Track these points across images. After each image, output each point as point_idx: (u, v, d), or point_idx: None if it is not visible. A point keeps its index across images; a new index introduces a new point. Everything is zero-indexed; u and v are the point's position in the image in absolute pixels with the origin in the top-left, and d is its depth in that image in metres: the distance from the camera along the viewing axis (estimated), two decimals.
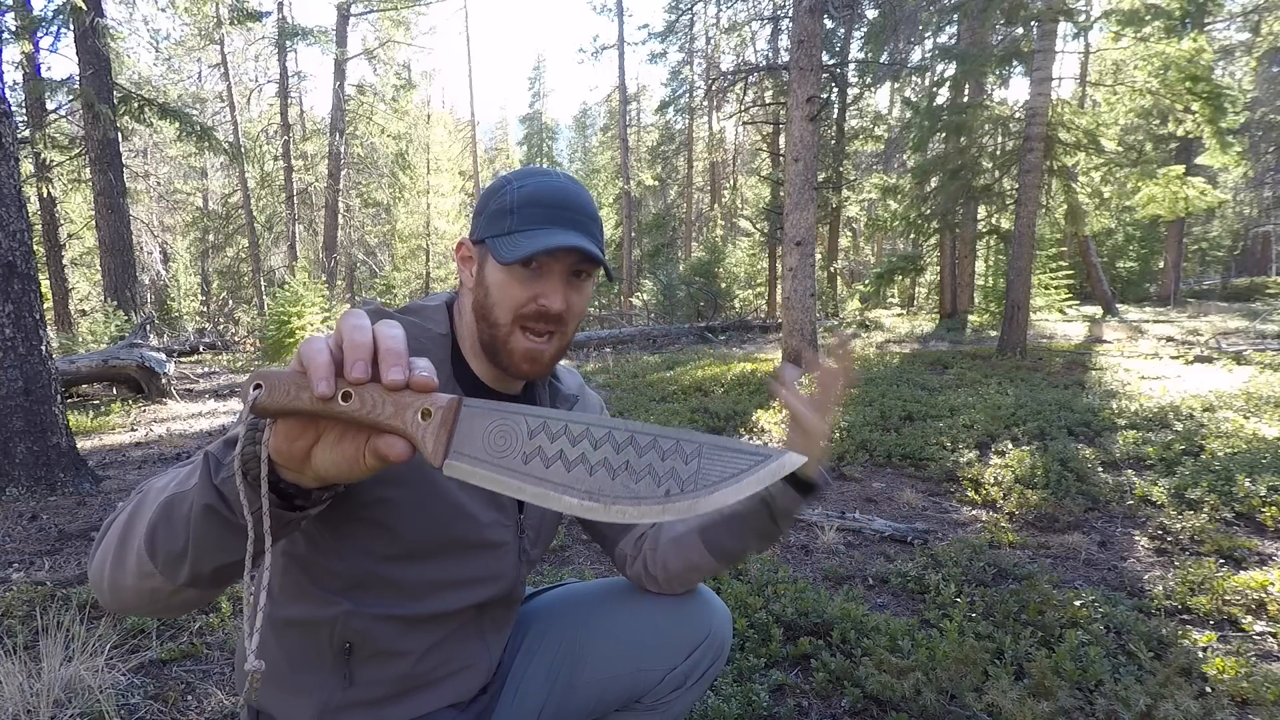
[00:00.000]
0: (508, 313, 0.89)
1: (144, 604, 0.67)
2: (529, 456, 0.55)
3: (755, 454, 0.55)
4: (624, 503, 0.54)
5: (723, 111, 26.56)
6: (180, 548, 0.62)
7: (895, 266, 12.85)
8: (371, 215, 24.77)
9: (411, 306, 0.98)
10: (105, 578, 0.67)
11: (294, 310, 9.36)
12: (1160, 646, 1.99)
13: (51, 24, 9.97)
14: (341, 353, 0.55)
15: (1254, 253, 30.89)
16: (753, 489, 0.54)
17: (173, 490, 0.64)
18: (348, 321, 0.56)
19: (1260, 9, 16.28)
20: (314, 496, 0.63)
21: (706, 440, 0.56)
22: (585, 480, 0.55)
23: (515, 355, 0.90)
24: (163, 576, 0.63)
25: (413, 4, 19.78)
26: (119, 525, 0.67)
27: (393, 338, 0.55)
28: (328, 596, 0.89)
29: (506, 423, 0.57)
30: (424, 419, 0.54)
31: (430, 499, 0.88)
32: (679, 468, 0.55)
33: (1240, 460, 3.62)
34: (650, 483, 0.54)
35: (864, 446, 4.43)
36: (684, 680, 1.13)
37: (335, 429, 0.57)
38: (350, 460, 0.57)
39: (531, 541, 1.03)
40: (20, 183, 3.70)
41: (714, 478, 0.54)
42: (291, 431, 0.57)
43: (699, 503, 0.54)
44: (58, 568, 2.75)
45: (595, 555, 2.90)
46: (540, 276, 0.88)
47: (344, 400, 0.53)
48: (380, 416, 0.54)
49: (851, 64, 15.63)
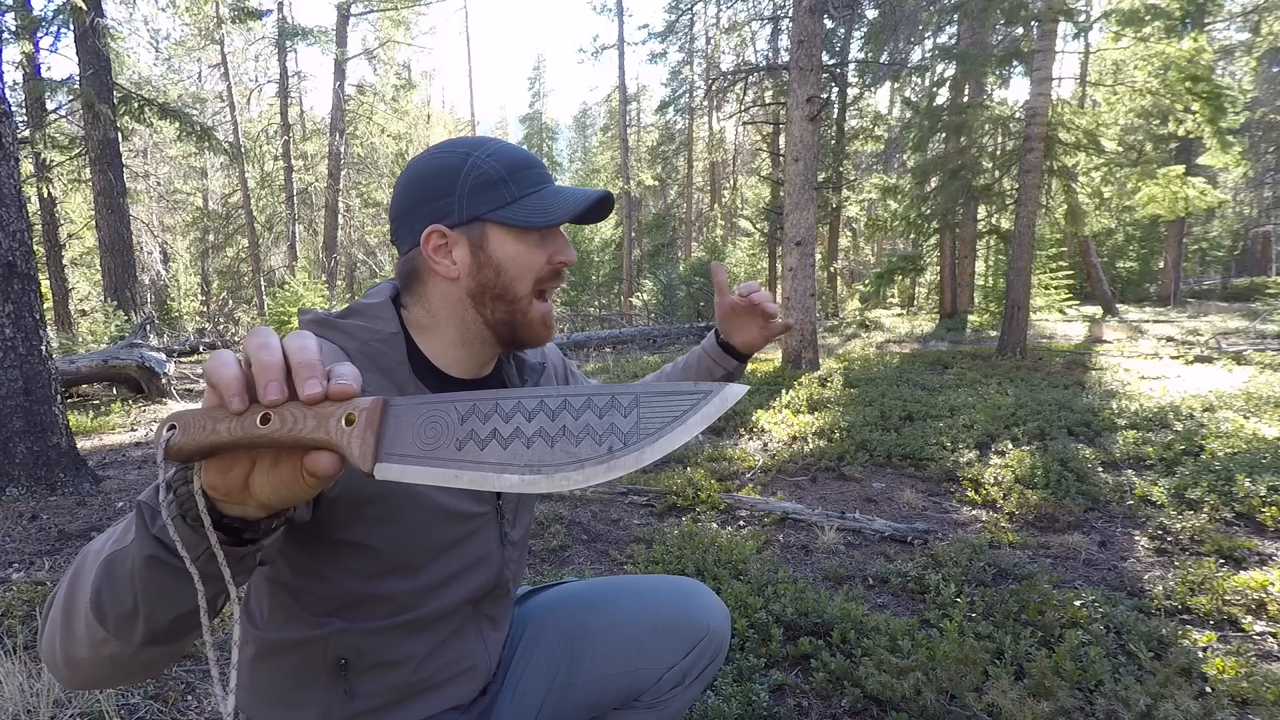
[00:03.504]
0: (527, 283, 0.87)
1: (105, 674, 0.63)
2: (462, 442, 0.53)
3: (694, 392, 0.53)
4: (566, 469, 0.52)
5: (723, 111, 26.58)
6: (129, 607, 0.58)
7: (895, 266, 12.84)
8: (371, 215, 24.77)
9: (355, 308, 0.93)
10: (58, 654, 0.62)
11: (294, 310, 9.37)
12: (1160, 646, 1.99)
13: (51, 24, 9.98)
14: (251, 374, 0.52)
15: (1254, 253, 30.87)
16: (699, 427, 0.52)
17: (110, 549, 0.59)
18: (253, 341, 0.52)
19: (1260, 9, 16.27)
20: (263, 526, 0.59)
21: (642, 389, 0.54)
22: (524, 454, 0.52)
23: (536, 324, 0.89)
24: (117, 641, 0.59)
25: (413, 4, 19.79)
26: (60, 598, 0.63)
27: (303, 349, 0.52)
28: (317, 619, 0.87)
29: (436, 412, 0.54)
30: (348, 425, 0.51)
31: (407, 508, 0.86)
32: (618, 422, 0.52)
33: (1240, 460, 3.62)
34: (591, 443, 0.52)
35: (864, 446, 4.43)
36: (683, 678, 1.13)
37: (268, 454, 0.54)
38: (290, 483, 0.54)
39: (510, 523, 1.01)
40: (20, 183, 3.70)
41: (656, 424, 0.52)
42: (222, 464, 0.53)
43: (645, 453, 0.52)
44: (58, 568, 2.75)
45: (595, 555, 2.90)
46: (551, 236, 0.89)
47: (263, 424, 0.50)
48: (303, 432, 0.51)
49: (851, 64, 15.63)
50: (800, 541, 3.02)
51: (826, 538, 2.97)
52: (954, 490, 3.72)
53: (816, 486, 3.91)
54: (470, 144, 0.89)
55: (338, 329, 0.88)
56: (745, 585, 2.34)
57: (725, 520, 3.34)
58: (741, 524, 3.27)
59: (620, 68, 23.07)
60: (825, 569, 2.66)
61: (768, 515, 3.33)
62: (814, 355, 8.11)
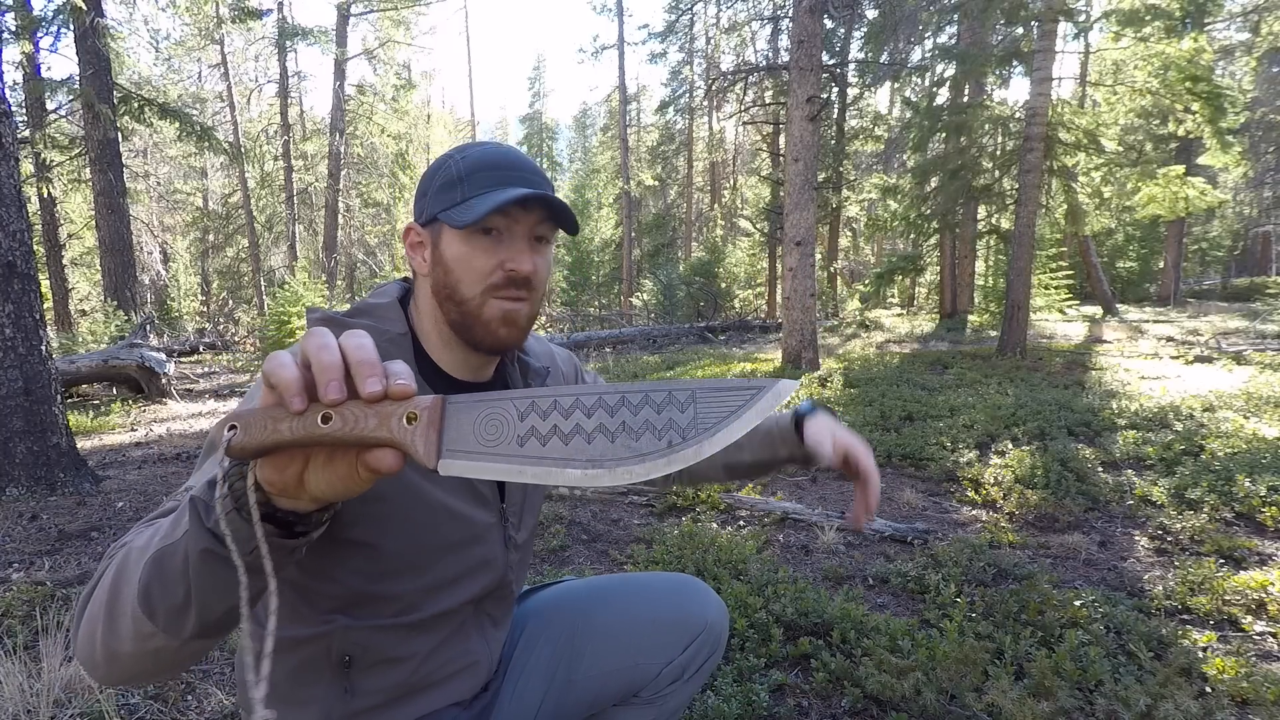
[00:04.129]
0: (475, 285, 0.86)
1: (145, 668, 0.64)
2: (524, 439, 0.54)
3: (748, 387, 0.55)
4: (628, 463, 0.53)
5: (723, 111, 26.57)
6: (180, 600, 0.59)
7: (895, 266, 12.83)
8: (371, 215, 24.78)
9: (362, 307, 0.94)
10: (98, 649, 0.63)
11: (294, 310, 9.35)
12: (1160, 646, 1.99)
13: (51, 24, 9.98)
14: (311, 374, 0.53)
15: (1254, 253, 30.87)
16: (754, 421, 0.54)
17: (158, 545, 0.60)
18: (312, 342, 0.53)
19: (1260, 9, 16.27)
20: (313, 519, 0.61)
21: (697, 385, 0.55)
22: (585, 450, 0.54)
23: (492, 323, 0.87)
24: (165, 635, 0.60)
25: (413, 4, 19.78)
26: (103, 593, 0.63)
27: (361, 348, 0.53)
28: (323, 616, 0.87)
29: (495, 410, 0.55)
30: (410, 423, 0.53)
31: (411, 508, 0.86)
32: (676, 417, 0.54)
33: (1240, 460, 3.62)
34: (651, 438, 0.54)
35: None
36: (682, 672, 1.13)
37: (323, 450, 0.55)
38: (345, 479, 0.55)
39: (515, 527, 1.02)
40: (20, 183, 3.70)
41: (713, 419, 0.54)
42: (279, 461, 0.54)
43: (703, 446, 0.53)
44: (58, 568, 2.75)
45: (595, 555, 2.90)
46: (503, 241, 0.86)
47: (324, 423, 0.52)
48: (365, 431, 0.52)
49: (851, 64, 15.63)
50: (800, 541, 3.02)
51: (826, 538, 2.97)
52: (954, 490, 3.72)
53: (816, 486, 3.91)
54: (462, 146, 0.91)
55: (346, 329, 0.88)
56: (745, 585, 2.34)
57: (725, 520, 3.34)
58: (741, 524, 3.27)
59: (620, 68, 23.06)
60: (825, 569, 2.66)
61: (768, 515, 3.33)
62: (814, 355, 8.11)
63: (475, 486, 0.94)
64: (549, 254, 0.92)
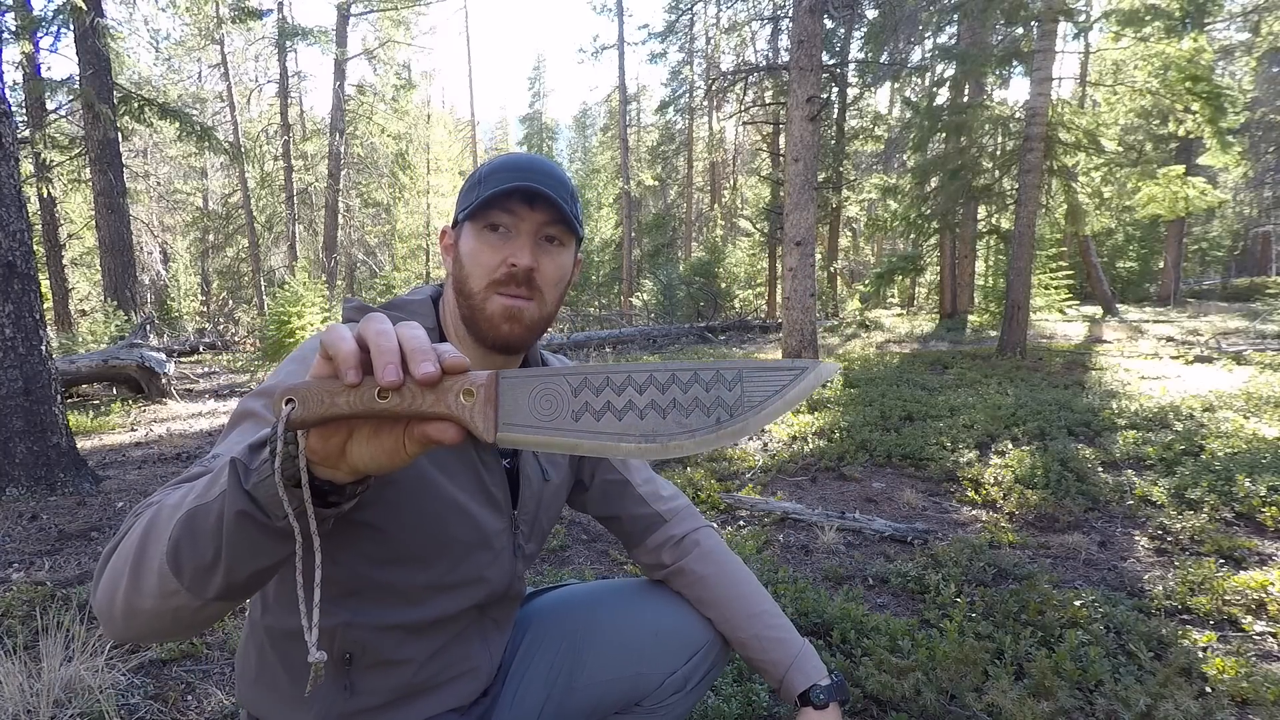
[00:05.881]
0: (481, 280, 0.88)
1: (163, 625, 0.65)
2: (578, 414, 0.57)
3: (792, 368, 0.57)
4: (679, 437, 0.56)
5: (723, 111, 26.57)
6: (210, 559, 0.60)
7: (895, 266, 12.84)
8: (371, 215, 24.78)
9: (396, 302, 0.97)
10: (118, 604, 0.64)
11: (294, 310, 9.35)
12: (1160, 646, 1.99)
13: (51, 24, 9.97)
14: (367, 355, 0.54)
15: (1254, 253, 30.87)
16: (798, 400, 0.56)
17: (192, 504, 0.62)
18: (371, 326, 0.55)
19: (1260, 9, 16.26)
20: (347, 490, 0.62)
21: (742, 365, 0.58)
22: (638, 425, 0.56)
23: (494, 317, 0.89)
24: (189, 592, 0.62)
25: (413, 4, 19.78)
26: (130, 548, 0.65)
27: (416, 337, 0.55)
28: (325, 607, 0.87)
29: (549, 386, 0.57)
30: (467, 399, 0.55)
31: (423, 498, 0.87)
32: (724, 395, 0.57)
33: (1240, 460, 3.62)
34: (700, 414, 0.56)
35: (864, 446, 4.43)
36: (684, 684, 1.12)
37: (369, 423, 0.57)
38: (390, 452, 0.56)
39: (526, 537, 1.02)
40: (20, 183, 3.70)
41: (759, 397, 0.56)
42: (326, 430, 0.56)
43: (750, 423, 0.56)
44: (58, 568, 2.75)
45: (595, 556, 2.90)
46: (508, 239, 0.88)
47: (381, 398, 0.53)
48: (423, 406, 0.54)
49: (851, 64, 15.63)
50: (800, 541, 3.02)
51: (826, 538, 2.97)
52: (954, 490, 3.72)
53: (816, 486, 3.91)
54: (496, 156, 0.97)
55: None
56: None
57: (725, 520, 3.34)
58: (742, 524, 3.27)
59: (620, 68, 23.05)
60: (825, 569, 2.66)
61: (768, 515, 3.33)
62: (814, 355, 8.11)
63: (489, 490, 0.95)
64: (561, 256, 0.92)
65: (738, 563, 1.17)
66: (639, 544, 1.17)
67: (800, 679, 1.05)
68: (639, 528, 1.17)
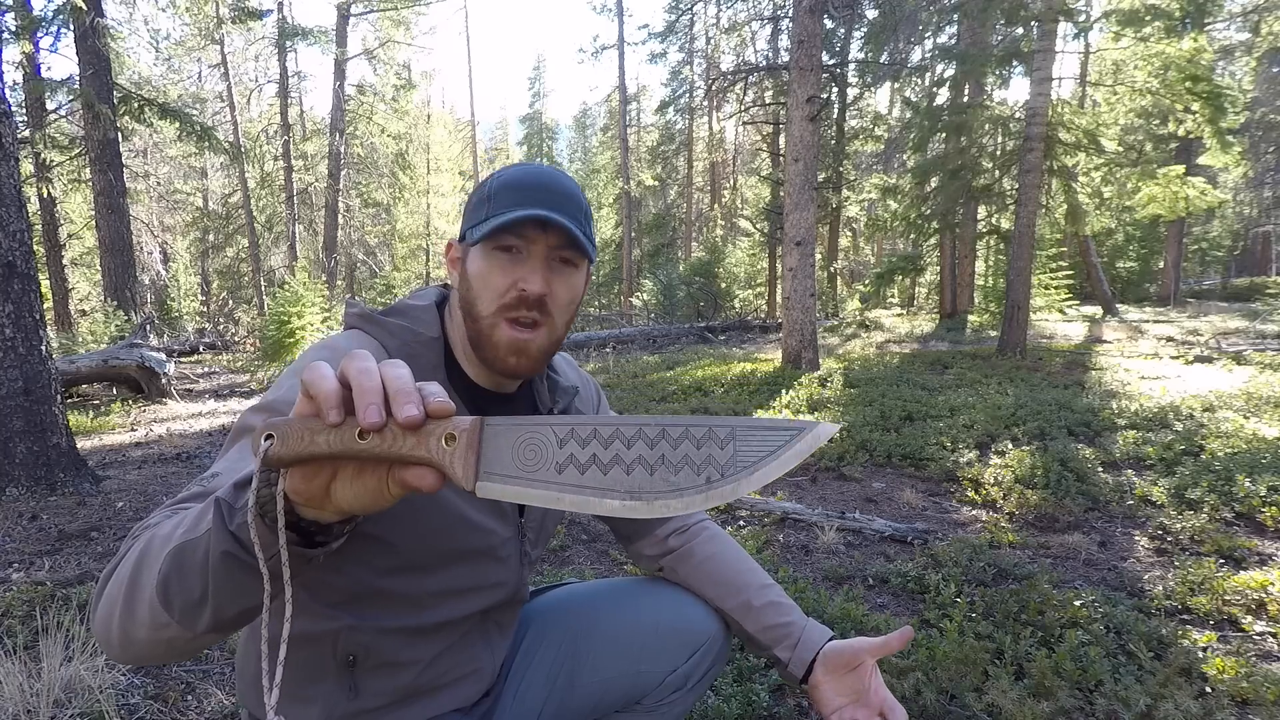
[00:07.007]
0: (490, 303, 0.86)
1: (159, 653, 0.65)
2: (562, 466, 0.54)
3: (789, 428, 0.55)
4: (666, 497, 0.54)
5: (723, 111, 26.56)
6: (197, 597, 0.60)
7: (895, 266, 12.85)
8: (371, 215, 24.77)
9: (399, 307, 0.94)
10: (115, 630, 0.64)
11: (294, 310, 9.34)
12: (1160, 646, 1.99)
13: (51, 24, 9.97)
14: (349, 393, 0.53)
15: (1254, 253, 30.89)
16: (792, 463, 0.54)
17: (180, 539, 0.61)
18: (354, 364, 0.54)
19: (1260, 9, 16.26)
20: (334, 530, 0.61)
21: (738, 422, 0.55)
22: (624, 480, 0.54)
23: (500, 349, 0.86)
24: (180, 626, 0.61)
25: (413, 4, 19.79)
26: (124, 576, 0.64)
27: (399, 378, 0.54)
28: (328, 611, 0.87)
29: (534, 435, 0.55)
30: (448, 444, 0.53)
31: (428, 510, 0.87)
32: (715, 453, 0.54)
33: (1240, 460, 3.62)
34: (690, 473, 0.54)
35: (864, 446, 4.43)
36: (685, 682, 1.12)
37: (352, 464, 0.55)
38: (373, 493, 0.55)
39: (532, 543, 1.03)
40: (20, 183, 3.70)
41: (752, 458, 0.54)
42: (308, 471, 0.55)
43: (741, 485, 0.54)
44: (58, 568, 2.75)
45: (595, 555, 2.90)
46: (519, 261, 0.86)
47: (362, 438, 0.52)
48: (403, 449, 0.53)
49: (851, 64, 15.63)
50: (800, 541, 3.02)
51: (826, 538, 2.97)
52: (954, 490, 3.72)
53: (816, 486, 3.91)
54: (505, 167, 0.92)
55: (382, 326, 0.91)
56: None
57: (725, 520, 3.34)
58: (742, 524, 3.27)
59: (620, 68, 23.06)
60: (825, 569, 2.66)
61: (768, 515, 3.33)
62: (814, 355, 8.11)
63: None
64: (576, 280, 0.90)
65: (742, 549, 1.20)
66: (647, 534, 1.17)
67: (818, 633, 1.07)
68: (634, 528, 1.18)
